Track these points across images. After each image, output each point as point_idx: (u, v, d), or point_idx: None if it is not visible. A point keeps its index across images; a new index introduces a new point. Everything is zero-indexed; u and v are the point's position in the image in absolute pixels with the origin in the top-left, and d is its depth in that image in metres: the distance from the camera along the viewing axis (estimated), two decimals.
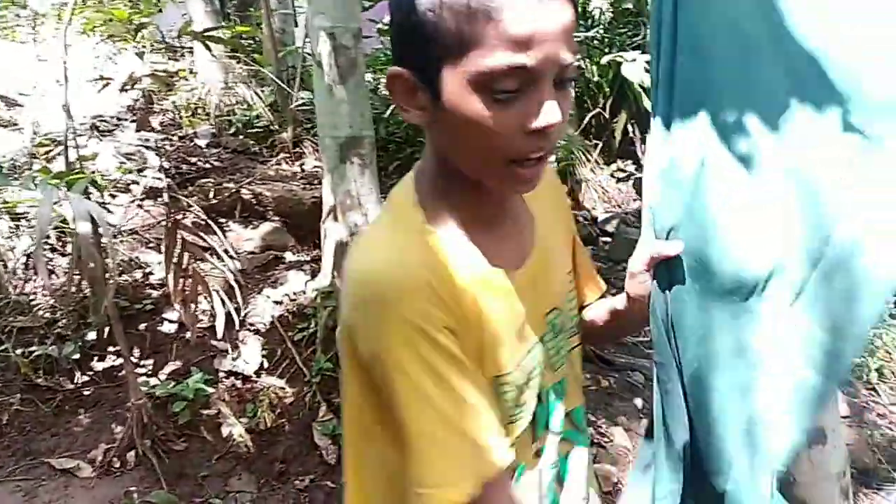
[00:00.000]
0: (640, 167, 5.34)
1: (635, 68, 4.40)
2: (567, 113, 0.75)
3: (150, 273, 3.20)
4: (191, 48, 5.35)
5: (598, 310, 1.06)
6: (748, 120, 0.90)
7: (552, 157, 4.33)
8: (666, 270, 0.94)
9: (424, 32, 0.71)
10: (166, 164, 3.85)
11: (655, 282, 0.96)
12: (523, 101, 0.71)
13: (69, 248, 3.08)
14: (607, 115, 5.44)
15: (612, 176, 5.35)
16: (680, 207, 0.93)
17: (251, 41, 5.58)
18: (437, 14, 0.69)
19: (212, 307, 2.95)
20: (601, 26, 5.71)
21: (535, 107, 0.71)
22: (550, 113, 0.71)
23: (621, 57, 4.75)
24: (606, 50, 5.41)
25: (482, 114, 0.71)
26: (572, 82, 0.76)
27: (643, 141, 5.27)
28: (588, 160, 5.24)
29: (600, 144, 5.42)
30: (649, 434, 1.05)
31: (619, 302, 1.02)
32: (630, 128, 5.40)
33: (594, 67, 5.47)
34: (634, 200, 5.13)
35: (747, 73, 0.92)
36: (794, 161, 0.88)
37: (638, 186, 5.21)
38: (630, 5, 5.65)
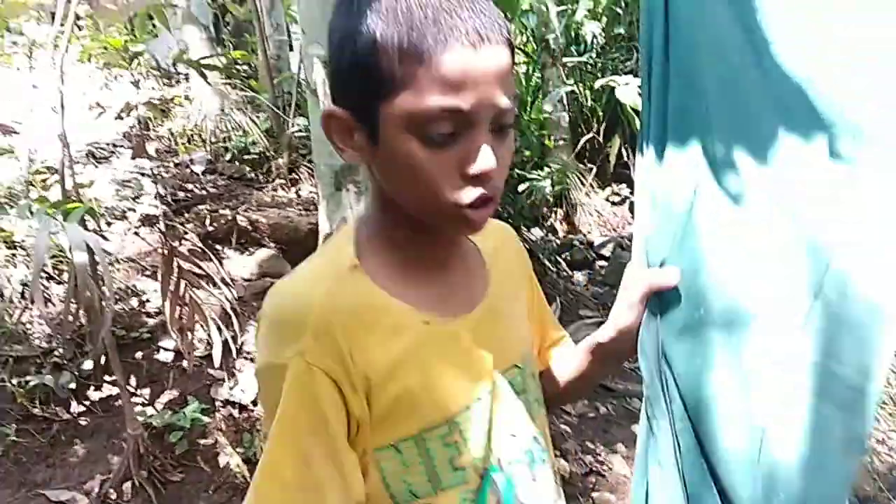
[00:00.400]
0: (634, 191, 5.36)
1: (628, 91, 4.44)
2: (507, 159, 0.74)
3: (147, 301, 3.19)
4: (186, 74, 5.38)
5: (568, 357, 1.01)
6: (737, 151, 0.90)
7: (547, 182, 4.33)
8: (657, 301, 0.92)
9: (359, 72, 0.69)
10: (162, 191, 3.86)
11: (646, 313, 0.94)
12: (459, 145, 0.69)
13: (65, 277, 3.07)
14: (601, 140, 5.48)
15: (607, 200, 5.38)
16: (672, 238, 0.92)
17: (246, 67, 5.62)
18: (371, 54, 0.68)
19: (208, 335, 2.94)
20: (594, 51, 5.77)
21: (471, 151, 0.69)
22: (485, 158, 0.69)
23: (614, 81, 4.80)
24: (599, 74, 5.46)
25: (416, 157, 0.69)
26: (511, 128, 0.74)
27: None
28: (583, 184, 5.27)
29: (595, 168, 5.46)
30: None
31: (601, 336, 0.96)
32: (624, 152, 5.44)
33: (587, 92, 5.53)
34: (630, 224, 5.15)
35: (735, 102, 0.91)
36: (782, 192, 0.88)
37: (633, 210, 5.23)
38: (622, 30, 5.71)
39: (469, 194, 0.71)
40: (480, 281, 0.86)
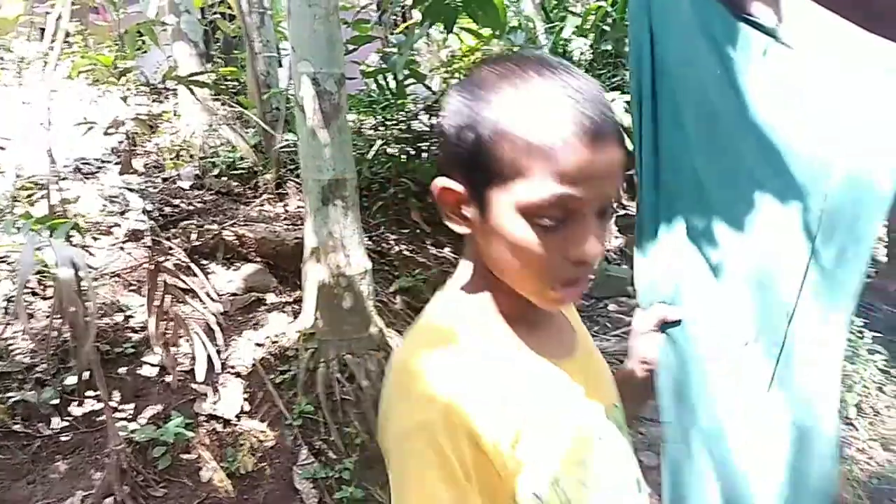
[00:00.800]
0: (620, 205, 5.40)
1: (614, 107, 4.48)
2: (606, 239, 0.78)
3: (131, 316, 3.18)
4: (175, 90, 5.40)
5: None
6: (718, 226, 0.97)
7: None
8: (670, 337, 1.02)
9: (479, 153, 0.72)
10: (149, 207, 3.86)
11: (662, 344, 1.03)
12: (566, 230, 0.72)
13: (49, 292, 3.06)
14: None
15: None
16: (664, 297, 1.03)
17: (235, 82, 5.64)
18: (494, 140, 0.71)
19: (193, 350, 2.94)
20: (581, 68, 5.82)
21: (578, 238, 0.72)
22: (592, 246, 0.73)
23: None
24: None
25: (526, 238, 0.72)
26: (613, 211, 0.78)
27: (625, 180, 5.34)
28: None
29: None
30: None
31: (635, 371, 1.05)
32: None
33: None
34: (615, 238, 5.18)
35: (720, 168, 0.97)
36: (756, 271, 0.96)
37: (619, 224, 5.27)
38: (609, 47, 5.77)
39: (569, 275, 0.75)
40: (568, 330, 0.92)
